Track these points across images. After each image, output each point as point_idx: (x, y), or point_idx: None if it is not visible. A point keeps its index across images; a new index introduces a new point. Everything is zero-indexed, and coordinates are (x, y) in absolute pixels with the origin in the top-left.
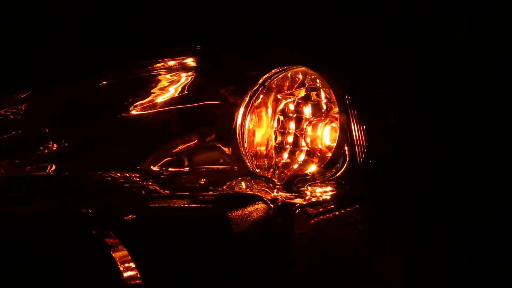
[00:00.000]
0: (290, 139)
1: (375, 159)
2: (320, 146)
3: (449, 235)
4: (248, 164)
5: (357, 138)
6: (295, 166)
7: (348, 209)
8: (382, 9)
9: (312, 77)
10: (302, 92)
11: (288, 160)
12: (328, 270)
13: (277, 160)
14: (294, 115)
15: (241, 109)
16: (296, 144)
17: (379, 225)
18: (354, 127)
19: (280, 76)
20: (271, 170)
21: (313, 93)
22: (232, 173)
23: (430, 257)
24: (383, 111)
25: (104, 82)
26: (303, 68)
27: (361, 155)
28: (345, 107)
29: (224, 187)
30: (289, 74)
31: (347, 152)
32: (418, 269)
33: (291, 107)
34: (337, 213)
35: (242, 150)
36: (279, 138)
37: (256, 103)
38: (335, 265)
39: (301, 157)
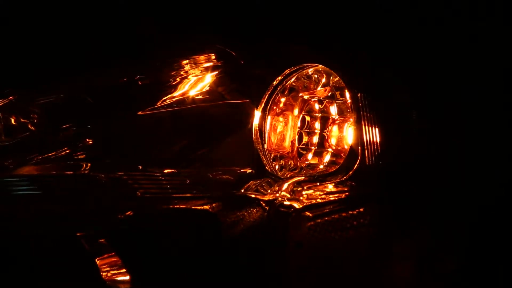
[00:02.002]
0: (315, 139)
1: (385, 161)
2: (346, 147)
3: (462, 240)
4: (266, 165)
5: (368, 139)
6: (321, 166)
7: (351, 212)
8: (397, 8)
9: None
10: (327, 92)
11: (314, 161)
12: (329, 277)
13: (301, 161)
14: (319, 115)
15: (260, 109)
16: (320, 145)
17: (386, 229)
18: (365, 127)
19: (298, 74)
20: (296, 171)
21: (337, 93)
22: (249, 175)
23: (442, 263)
24: (397, 112)
25: (120, 81)
26: (323, 67)
27: (370, 157)
28: (357, 106)
29: (242, 189)
30: (315, 75)
31: (359, 153)
32: (429, 276)
33: (316, 106)
34: (336, 216)
35: (261, 151)
36: (305, 139)
37: (275, 102)
38: (337, 272)
39: (327, 158)
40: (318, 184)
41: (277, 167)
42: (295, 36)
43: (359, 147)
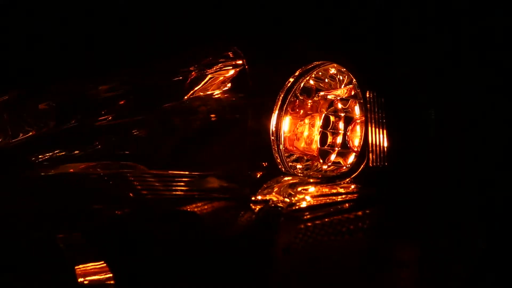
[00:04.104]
0: (338, 139)
1: (389, 164)
2: None
3: (464, 243)
4: (280, 164)
5: (373, 140)
6: (344, 168)
7: (347, 216)
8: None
9: None
10: (350, 91)
11: (337, 162)
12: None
13: (325, 161)
14: (343, 115)
15: (276, 109)
16: (344, 145)
17: (384, 234)
18: (371, 128)
19: (316, 74)
20: (321, 172)
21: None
22: (263, 176)
23: (445, 271)
24: (403, 113)
25: (134, 80)
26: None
27: (374, 159)
28: (365, 106)
29: (250, 190)
30: (339, 75)
31: (365, 154)
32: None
33: (339, 106)
34: (331, 219)
35: (276, 151)
36: (329, 139)
37: (293, 102)
38: (327, 279)
39: (351, 158)
40: (318, 186)
41: (299, 166)
42: (306, 35)
43: (365, 148)
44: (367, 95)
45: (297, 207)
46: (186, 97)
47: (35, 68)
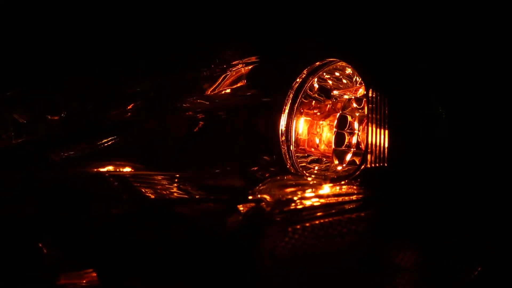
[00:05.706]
0: (352, 139)
1: (389, 165)
2: None
3: (467, 249)
4: (287, 163)
5: (372, 140)
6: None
7: (338, 218)
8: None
9: None
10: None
11: (352, 161)
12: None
13: (338, 162)
14: (357, 114)
15: (286, 109)
16: (358, 145)
17: (384, 236)
18: (371, 128)
19: (328, 73)
20: (338, 172)
21: None
22: (271, 177)
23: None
24: (408, 114)
25: (134, 81)
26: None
27: (373, 160)
28: (367, 105)
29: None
30: (355, 76)
31: (365, 155)
32: None
33: (354, 105)
34: (322, 222)
35: (285, 152)
36: (344, 139)
37: (304, 102)
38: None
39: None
40: (315, 187)
41: (317, 168)
42: (311, 34)
43: (366, 149)
44: (370, 94)
45: (292, 208)
46: (191, 98)
47: (36, 67)
